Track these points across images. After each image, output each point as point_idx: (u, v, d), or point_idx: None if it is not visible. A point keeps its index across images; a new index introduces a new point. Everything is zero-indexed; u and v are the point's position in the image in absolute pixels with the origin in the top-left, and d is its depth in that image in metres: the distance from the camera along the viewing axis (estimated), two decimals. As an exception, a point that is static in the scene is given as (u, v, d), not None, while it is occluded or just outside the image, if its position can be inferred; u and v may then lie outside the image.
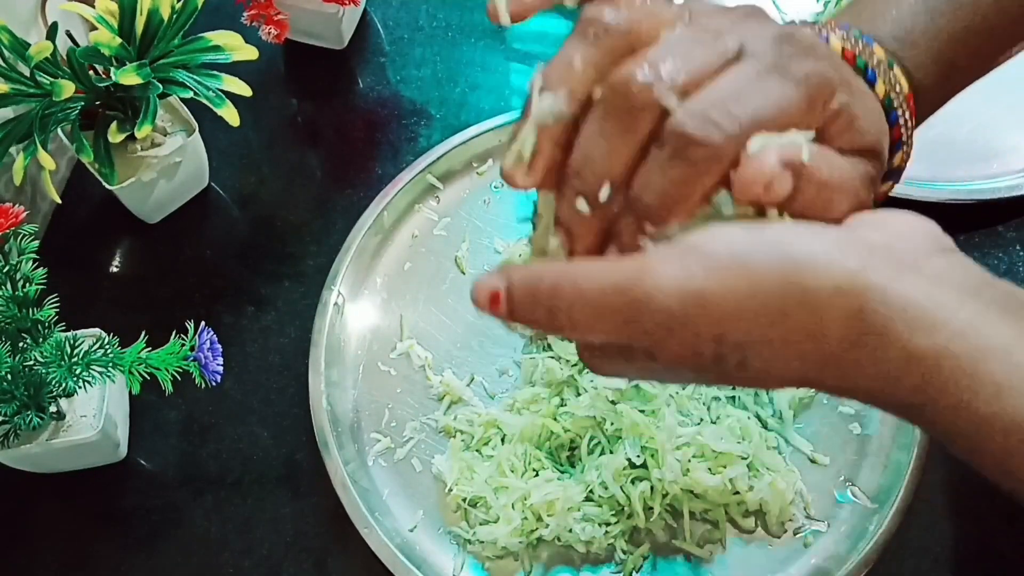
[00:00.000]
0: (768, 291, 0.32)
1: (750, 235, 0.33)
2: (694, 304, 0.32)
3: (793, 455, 0.62)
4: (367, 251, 0.69)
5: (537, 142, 0.36)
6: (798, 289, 0.32)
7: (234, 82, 0.64)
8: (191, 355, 0.55)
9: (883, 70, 0.40)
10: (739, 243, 0.32)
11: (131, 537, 0.62)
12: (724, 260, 0.32)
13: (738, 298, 0.32)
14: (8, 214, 0.55)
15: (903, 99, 0.40)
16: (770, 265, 0.32)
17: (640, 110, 0.34)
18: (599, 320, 0.33)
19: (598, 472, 0.59)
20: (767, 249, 0.32)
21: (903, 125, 0.40)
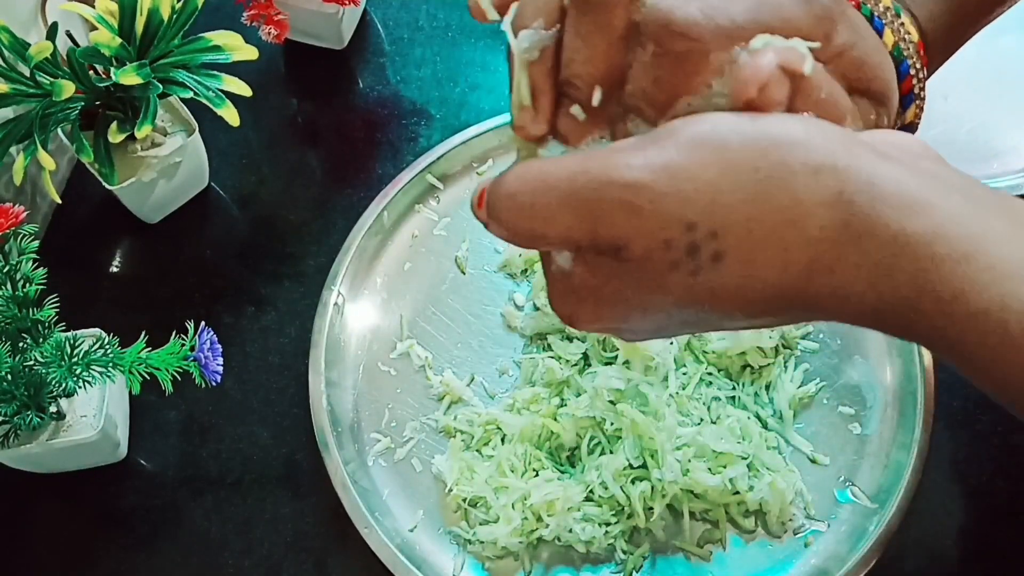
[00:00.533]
0: (744, 167, 0.29)
1: (727, 116, 0.30)
2: (664, 180, 0.29)
3: (793, 455, 0.62)
4: (367, 251, 0.69)
5: (531, 82, 0.34)
6: (776, 166, 0.29)
7: (234, 82, 0.64)
8: (191, 355, 0.55)
9: (890, 18, 0.38)
10: (715, 121, 0.30)
11: (131, 537, 0.62)
12: (698, 137, 0.29)
13: (712, 175, 0.29)
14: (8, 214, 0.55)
15: (914, 49, 0.38)
16: (747, 141, 0.29)
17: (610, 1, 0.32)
18: (564, 208, 0.30)
19: (598, 472, 0.59)
20: (746, 128, 0.30)
21: (915, 76, 0.38)
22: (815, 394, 0.63)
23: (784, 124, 0.30)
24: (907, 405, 0.62)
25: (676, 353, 0.63)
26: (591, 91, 0.33)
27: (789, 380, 0.63)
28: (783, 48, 0.31)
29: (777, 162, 0.29)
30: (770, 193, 0.29)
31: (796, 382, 0.63)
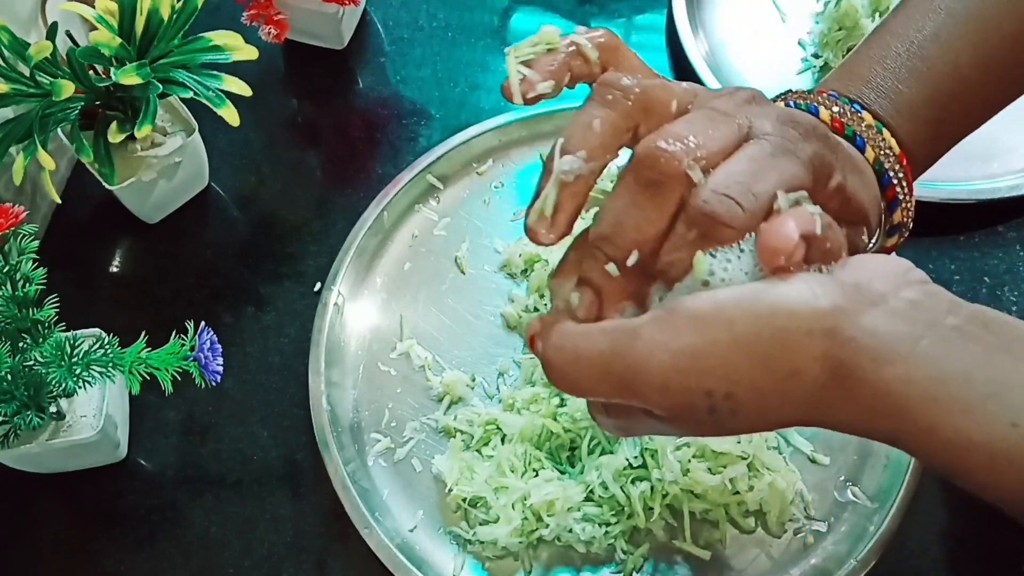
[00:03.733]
0: (747, 339, 0.34)
1: (730, 291, 0.35)
2: (684, 363, 0.34)
3: (793, 455, 0.62)
4: (367, 251, 0.69)
5: (558, 199, 0.38)
6: (773, 333, 0.34)
7: (234, 82, 0.64)
8: (191, 355, 0.55)
9: (871, 135, 0.43)
10: (720, 298, 0.35)
11: (131, 537, 0.62)
12: (707, 317, 0.34)
13: (722, 350, 0.34)
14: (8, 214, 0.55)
15: (895, 160, 0.43)
16: (748, 314, 0.34)
17: (669, 182, 0.36)
18: (601, 383, 0.36)
19: (598, 472, 0.59)
20: (744, 300, 0.35)
21: (897, 184, 0.43)
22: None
23: (779, 292, 0.35)
24: (907, 405, 0.62)
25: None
26: (628, 254, 0.38)
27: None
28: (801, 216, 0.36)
29: (776, 329, 0.34)
30: (772, 357, 0.34)
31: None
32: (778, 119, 0.38)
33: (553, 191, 0.38)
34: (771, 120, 0.38)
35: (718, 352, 0.34)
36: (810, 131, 0.39)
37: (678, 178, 0.36)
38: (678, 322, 0.35)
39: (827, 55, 0.78)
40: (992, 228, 0.72)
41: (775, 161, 0.37)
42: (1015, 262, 0.70)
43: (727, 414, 0.35)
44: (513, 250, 0.69)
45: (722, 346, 0.34)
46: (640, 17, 0.85)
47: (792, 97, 0.45)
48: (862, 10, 0.77)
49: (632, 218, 0.37)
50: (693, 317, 0.35)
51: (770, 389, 0.35)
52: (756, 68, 0.79)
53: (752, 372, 0.34)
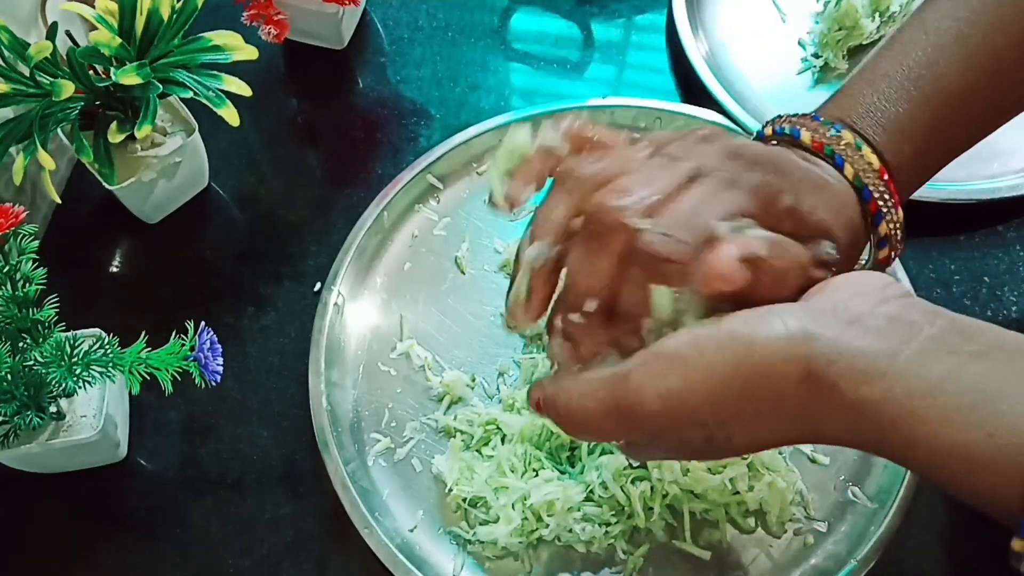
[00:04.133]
0: (729, 376, 0.37)
1: (708, 330, 0.38)
2: (674, 405, 0.37)
3: (793, 455, 0.62)
4: (367, 251, 0.69)
5: (531, 284, 0.43)
6: (752, 368, 0.36)
7: (234, 82, 0.64)
8: (191, 355, 0.55)
9: (850, 153, 0.45)
10: (698, 339, 0.38)
11: (131, 537, 0.62)
12: (687, 357, 0.37)
13: (708, 388, 0.37)
14: (8, 214, 0.55)
15: (875, 175, 0.45)
16: (726, 354, 0.37)
17: (612, 231, 0.40)
18: (610, 427, 0.40)
19: (598, 472, 0.59)
20: (721, 340, 0.37)
21: (879, 198, 0.45)
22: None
23: (751, 328, 0.37)
24: (907, 405, 0.62)
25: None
26: (583, 302, 0.41)
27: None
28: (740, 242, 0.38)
29: (754, 364, 0.36)
30: (755, 389, 0.37)
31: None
32: (724, 154, 0.42)
33: (525, 279, 0.43)
34: (716, 157, 0.41)
35: (704, 391, 0.37)
36: (753, 161, 0.41)
37: (617, 227, 0.39)
38: (662, 365, 0.38)
39: (827, 55, 0.78)
40: (992, 228, 0.72)
41: (717, 195, 0.40)
42: (1015, 262, 0.70)
43: (723, 442, 0.39)
44: (513, 250, 0.69)
45: (707, 385, 0.37)
46: (640, 17, 0.85)
47: (780, 122, 0.48)
48: (862, 10, 0.77)
49: (584, 268, 0.41)
50: (675, 359, 0.38)
51: (758, 417, 0.37)
52: (756, 68, 0.79)
53: (739, 405, 0.37)
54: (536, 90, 0.80)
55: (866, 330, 0.36)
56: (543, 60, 0.82)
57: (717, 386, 0.37)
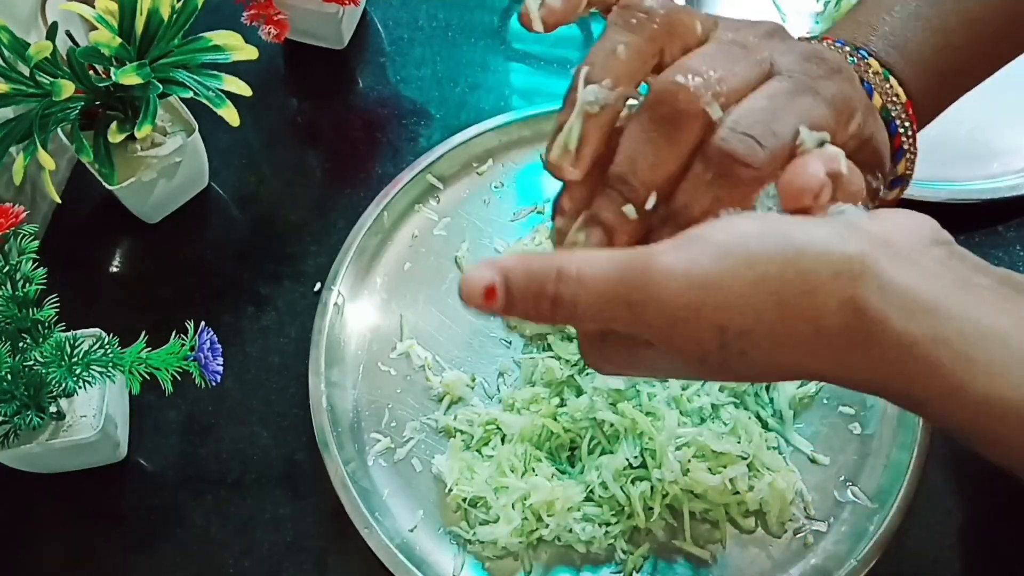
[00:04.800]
0: (770, 277, 0.32)
1: (755, 225, 0.33)
2: (699, 292, 0.32)
3: (793, 455, 0.62)
4: (367, 251, 0.69)
5: (583, 131, 0.36)
6: (798, 274, 0.32)
7: (234, 82, 0.64)
8: (191, 355, 0.55)
9: (879, 82, 0.42)
10: (745, 232, 0.33)
11: (131, 537, 0.62)
12: (729, 248, 0.32)
13: (742, 285, 0.32)
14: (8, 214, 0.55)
15: (901, 108, 0.42)
16: (772, 251, 0.32)
17: (687, 119, 0.34)
18: (604, 310, 0.33)
19: (598, 472, 0.59)
20: (770, 236, 0.32)
21: (903, 134, 0.42)
22: (815, 394, 0.63)
23: (807, 231, 0.33)
24: (907, 405, 0.62)
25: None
26: (647, 194, 0.35)
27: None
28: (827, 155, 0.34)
29: (802, 270, 0.32)
30: (794, 298, 0.32)
31: (796, 382, 0.63)
32: (802, 55, 0.37)
33: (578, 123, 0.36)
34: (794, 56, 0.37)
35: (738, 287, 0.32)
36: (835, 69, 0.37)
37: (695, 115, 0.34)
38: (698, 250, 0.32)
39: (827, 55, 0.78)
40: (992, 228, 0.72)
41: (797, 99, 0.35)
42: (1015, 262, 0.70)
43: (736, 354, 0.33)
44: (513, 250, 0.69)
45: (743, 281, 0.32)
46: (640, 17, 0.84)
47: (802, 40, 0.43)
48: (862, 10, 0.77)
49: (647, 157, 0.35)
50: (715, 247, 0.32)
51: (787, 332, 0.33)
52: (756, 68, 0.79)
53: (770, 312, 0.32)
54: (536, 90, 0.80)
55: (919, 268, 0.33)
56: (543, 60, 0.82)
57: (753, 284, 0.32)
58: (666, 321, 0.33)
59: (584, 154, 0.36)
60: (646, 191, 0.35)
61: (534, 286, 0.33)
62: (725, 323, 0.32)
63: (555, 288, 0.33)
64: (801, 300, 0.32)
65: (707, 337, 0.33)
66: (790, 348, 0.33)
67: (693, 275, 0.32)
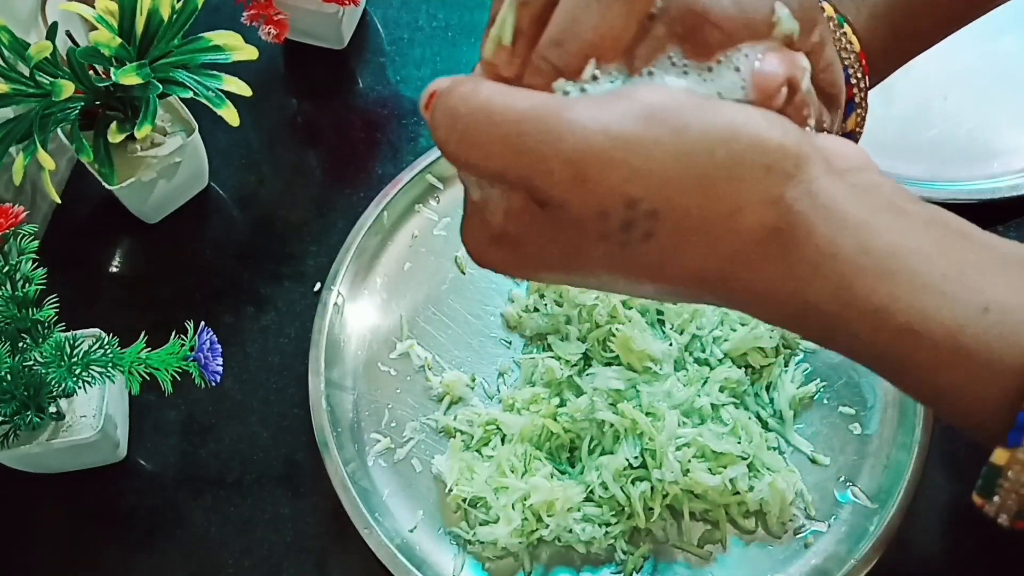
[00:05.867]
0: (697, 153, 0.28)
1: (697, 98, 0.30)
2: (614, 151, 0.28)
3: (793, 455, 0.62)
4: (367, 251, 0.69)
5: (516, 23, 0.32)
6: (729, 155, 0.28)
7: (234, 82, 0.64)
8: (191, 355, 0.55)
9: (832, 27, 0.39)
10: (680, 98, 0.29)
11: (131, 537, 0.62)
12: (659, 111, 0.28)
13: (664, 155, 0.28)
14: (8, 214, 0.55)
15: (855, 58, 0.39)
16: (706, 125, 0.28)
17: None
18: (504, 144, 0.29)
19: (598, 472, 0.59)
20: (708, 109, 0.29)
21: (855, 84, 0.39)
22: (815, 394, 0.63)
23: (748, 116, 0.29)
24: (907, 405, 0.62)
25: (676, 355, 0.63)
26: (584, 63, 0.30)
27: (789, 380, 0.63)
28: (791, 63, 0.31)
29: (734, 152, 0.28)
30: (717, 183, 0.28)
31: (796, 382, 0.63)
32: None
33: (511, 14, 0.31)
34: None
35: (659, 156, 0.28)
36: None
37: None
38: (624, 107, 0.28)
39: (827, 55, 0.78)
40: (992, 228, 0.71)
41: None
42: (1015, 262, 0.70)
43: (640, 237, 0.29)
44: (513, 250, 0.69)
45: (665, 151, 0.28)
46: (640, 17, 0.84)
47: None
48: (862, 10, 0.77)
49: (591, 15, 0.30)
50: (644, 107, 0.28)
51: (701, 221, 0.29)
52: (756, 68, 0.79)
53: (688, 194, 0.28)
54: (536, 90, 0.80)
55: (851, 185, 0.30)
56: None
57: (675, 158, 0.28)
58: (570, 174, 0.28)
59: (520, 47, 0.32)
60: (583, 59, 0.30)
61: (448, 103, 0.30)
62: (636, 196, 0.28)
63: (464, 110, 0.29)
64: (725, 187, 0.28)
65: (612, 208, 0.29)
66: (701, 241, 0.29)
67: (612, 131, 0.28)
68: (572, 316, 0.65)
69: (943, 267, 0.29)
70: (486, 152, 0.29)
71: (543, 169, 0.28)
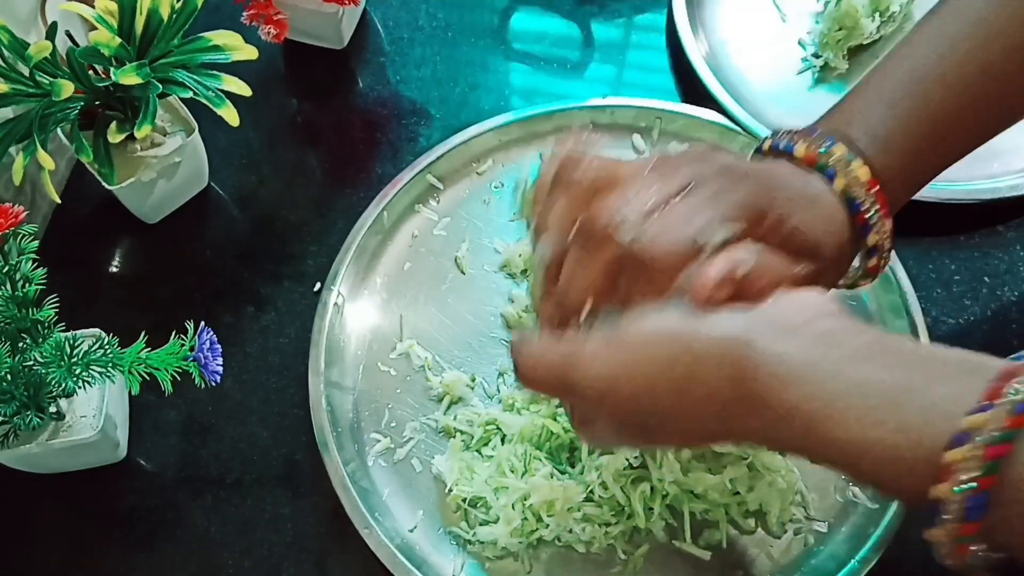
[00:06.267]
0: (666, 366, 0.40)
1: (657, 323, 0.41)
2: (615, 382, 0.41)
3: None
4: (367, 251, 0.69)
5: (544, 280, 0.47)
6: (689, 364, 0.39)
7: (234, 82, 0.64)
8: (191, 355, 0.55)
9: (841, 167, 0.47)
10: (651, 327, 0.41)
11: (131, 537, 0.62)
12: (636, 342, 0.41)
13: (645, 374, 0.40)
14: (8, 214, 0.55)
15: (862, 187, 0.47)
16: (669, 345, 0.40)
17: (601, 243, 0.43)
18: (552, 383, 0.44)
19: (598, 472, 0.59)
20: (670, 330, 0.40)
21: (865, 211, 0.47)
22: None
23: (700, 323, 0.40)
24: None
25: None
26: (581, 306, 0.45)
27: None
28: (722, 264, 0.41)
29: (691, 359, 0.39)
30: (686, 382, 0.39)
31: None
32: (716, 169, 0.44)
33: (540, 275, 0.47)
34: (710, 171, 0.44)
35: (642, 376, 0.40)
36: (742, 175, 0.44)
37: (607, 240, 0.43)
38: (616, 343, 0.41)
39: (827, 55, 0.78)
40: (992, 228, 0.72)
41: (705, 205, 0.43)
42: (1015, 262, 0.70)
43: (656, 428, 0.42)
44: (513, 250, 0.69)
45: (646, 370, 0.40)
46: (640, 17, 0.85)
47: (778, 137, 0.50)
48: (862, 10, 0.77)
49: (578, 277, 0.45)
50: (628, 340, 0.41)
51: (689, 410, 0.40)
52: (756, 68, 0.79)
53: (672, 396, 0.40)
54: (536, 90, 0.80)
55: (798, 340, 0.38)
56: (543, 60, 0.82)
57: (654, 376, 0.40)
58: (593, 402, 0.42)
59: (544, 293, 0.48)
60: (580, 304, 0.45)
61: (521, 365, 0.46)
62: (637, 408, 0.41)
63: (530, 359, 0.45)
64: (695, 381, 0.39)
65: (627, 416, 0.42)
66: (694, 423, 0.41)
67: (610, 364, 0.41)
68: (572, 316, 0.65)
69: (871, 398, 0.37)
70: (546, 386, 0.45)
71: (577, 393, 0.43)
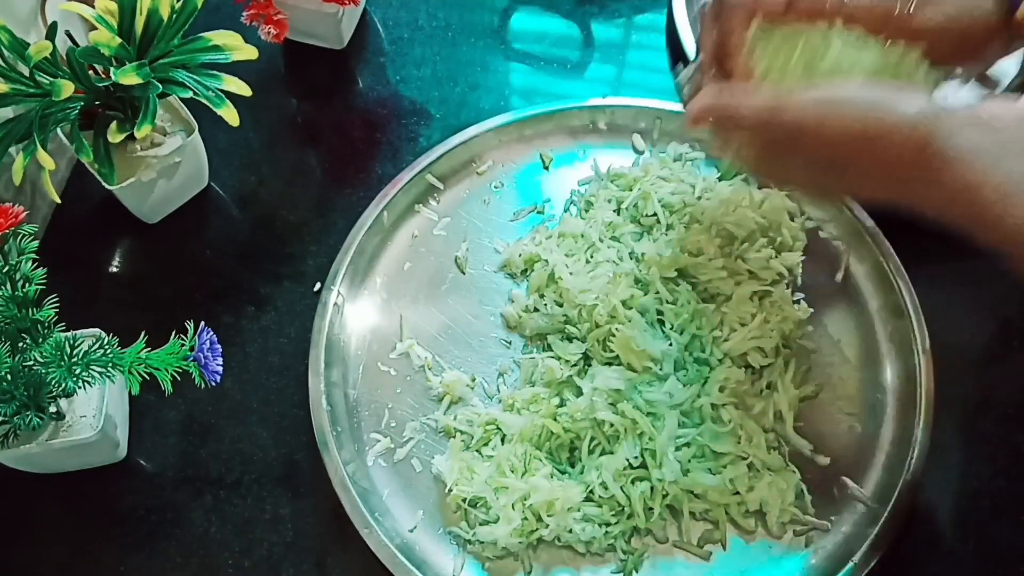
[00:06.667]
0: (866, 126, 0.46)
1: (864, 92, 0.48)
2: (812, 125, 0.48)
3: (793, 455, 0.62)
4: (367, 251, 0.69)
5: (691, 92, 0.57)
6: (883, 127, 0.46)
7: (234, 82, 0.64)
8: (191, 355, 0.54)
9: None
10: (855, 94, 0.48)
11: (131, 537, 0.62)
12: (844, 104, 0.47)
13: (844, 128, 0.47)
14: (8, 214, 0.55)
15: None
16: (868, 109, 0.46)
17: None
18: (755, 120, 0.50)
19: (598, 472, 0.59)
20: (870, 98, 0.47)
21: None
22: (816, 394, 0.63)
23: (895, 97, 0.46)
24: (907, 405, 0.62)
25: (676, 355, 0.63)
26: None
27: (789, 380, 0.63)
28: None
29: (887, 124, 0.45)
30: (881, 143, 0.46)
31: (796, 382, 0.63)
32: None
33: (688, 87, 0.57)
34: None
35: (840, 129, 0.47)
36: None
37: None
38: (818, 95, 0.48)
39: (827, 55, 0.78)
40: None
41: None
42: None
43: (838, 173, 0.49)
44: (513, 250, 0.69)
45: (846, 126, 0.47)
46: (640, 17, 0.85)
47: None
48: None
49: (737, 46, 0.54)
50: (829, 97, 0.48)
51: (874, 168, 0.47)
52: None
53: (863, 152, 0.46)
54: (536, 90, 0.80)
55: (986, 133, 0.43)
56: (543, 60, 0.82)
57: (852, 129, 0.46)
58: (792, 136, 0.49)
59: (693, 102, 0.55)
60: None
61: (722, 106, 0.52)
62: (833, 154, 0.48)
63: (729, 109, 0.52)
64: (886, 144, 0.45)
65: (819, 157, 0.49)
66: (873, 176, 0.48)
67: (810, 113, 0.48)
68: (572, 316, 0.65)
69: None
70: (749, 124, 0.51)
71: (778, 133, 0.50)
